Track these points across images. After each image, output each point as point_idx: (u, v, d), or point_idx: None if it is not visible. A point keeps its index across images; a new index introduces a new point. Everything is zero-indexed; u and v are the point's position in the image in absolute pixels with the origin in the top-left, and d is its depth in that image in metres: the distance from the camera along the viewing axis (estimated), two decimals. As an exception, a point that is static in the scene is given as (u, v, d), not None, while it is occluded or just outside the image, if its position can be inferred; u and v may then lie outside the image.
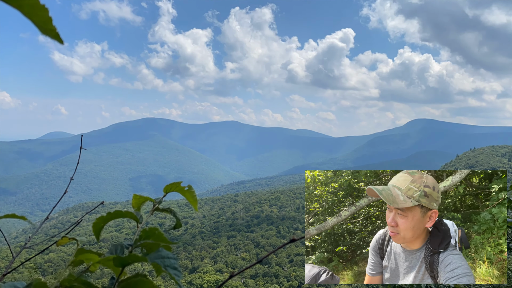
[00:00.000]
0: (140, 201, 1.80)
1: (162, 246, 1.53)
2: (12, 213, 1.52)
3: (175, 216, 1.73)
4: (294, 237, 1.67)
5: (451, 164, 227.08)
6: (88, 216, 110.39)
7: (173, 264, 1.48)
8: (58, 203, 3.02)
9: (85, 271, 1.47)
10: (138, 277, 1.43)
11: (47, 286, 1.31)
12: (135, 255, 1.45)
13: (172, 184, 1.77)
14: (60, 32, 1.09)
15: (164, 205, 1.77)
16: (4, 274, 2.31)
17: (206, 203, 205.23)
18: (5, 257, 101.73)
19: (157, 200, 1.76)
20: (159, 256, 1.48)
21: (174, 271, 1.46)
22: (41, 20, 1.14)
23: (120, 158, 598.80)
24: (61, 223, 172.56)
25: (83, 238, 1.65)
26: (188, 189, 1.79)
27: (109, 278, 1.50)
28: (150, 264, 1.44)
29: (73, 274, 1.39)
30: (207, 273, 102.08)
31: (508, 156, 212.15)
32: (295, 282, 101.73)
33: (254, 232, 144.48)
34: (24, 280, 1.31)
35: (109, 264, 1.45)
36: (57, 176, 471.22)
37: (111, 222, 1.50)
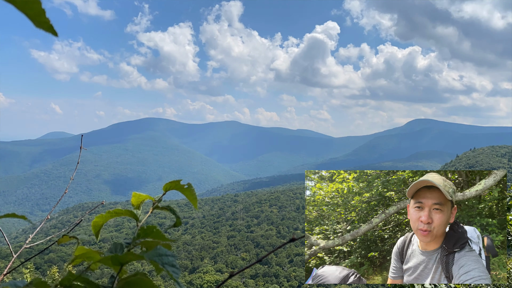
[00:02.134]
0: (140, 199, 1.79)
1: (161, 244, 1.51)
2: (12, 213, 1.52)
3: (175, 213, 1.72)
4: (294, 237, 1.66)
5: (451, 164, 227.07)
6: (88, 216, 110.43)
7: (171, 261, 1.46)
8: (58, 203, 3.02)
9: (85, 270, 1.46)
10: (137, 275, 1.41)
11: (47, 285, 1.31)
12: (132, 253, 1.44)
13: (171, 182, 1.76)
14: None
15: (164, 204, 1.75)
16: (4, 274, 2.32)
17: (206, 203, 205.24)
18: (5, 257, 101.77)
19: (157, 198, 1.75)
20: (157, 254, 1.46)
21: (172, 268, 1.44)
22: (34, 13, 1.14)
23: (120, 158, 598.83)
24: (61, 223, 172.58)
25: (83, 236, 1.65)
26: (188, 187, 1.78)
27: (109, 278, 1.49)
28: (148, 262, 1.44)
29: (73, 273, 1.38)
30: (207, 273, 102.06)
31: (508, 156, 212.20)
32: (295, 282, 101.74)
33: (254, 232, 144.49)
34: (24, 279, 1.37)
35: (109, 264, 1.45)
36: (57, 176, 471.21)
37: (111, 222, 1.50)
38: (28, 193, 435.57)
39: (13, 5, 1.13)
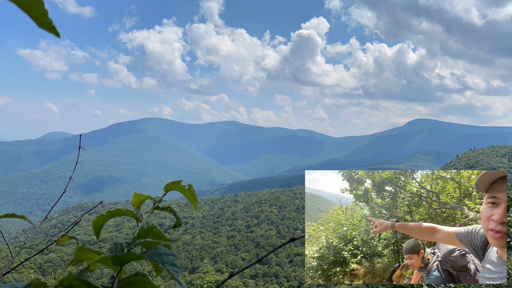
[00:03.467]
0: (140, 200, 1.78)
1: (161, 244, 1.51)
2: (12, 213, 1.52)
3: (175, 214, 1.72)
4: (294, 237, 1.65)
5: (451, 164, 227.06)
6: (88, 216, 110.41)
7: (171, 261, 1.46)
8: (57, 203, 3.02)
9: (84, 270, 1.46)
10: (137, 276, 1.41)
11: (47, 286, 1.30)
12: (133, 253, 1.44)
13: (172, 182, 1.76)
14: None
15: (164, 205, 1.75)
16: (3, 273, 2.31)
17: (206, 203, 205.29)
18: (5, 257, 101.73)
19: (157, 199, 1.74)
20: (157, 253, 1.46)
21: (172, 267, 1.44)
22: (37, 13, 1.14)
23: (120, 158, 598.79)
24: (61, 223, 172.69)
25: (82, 236, 1.65)
26: (189, 188, 1.78)
27: (109, 278, 1.49)
28: (148, 262, 1.43)
29: (73, 273, 1.38)
30: (207, 273, 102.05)
31: (508, 156, 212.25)
32: (295, 282, 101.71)
33: (254, 232, 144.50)
34: (23, 280, 1.36)
35: (109, 264, 1.45)
36: (57, 176, 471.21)
37: (111, 222, 1.50)
38: (28, 193, 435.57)
39: (16, 4, 1.13)
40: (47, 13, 1.14)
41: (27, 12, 1.13)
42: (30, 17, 1.14)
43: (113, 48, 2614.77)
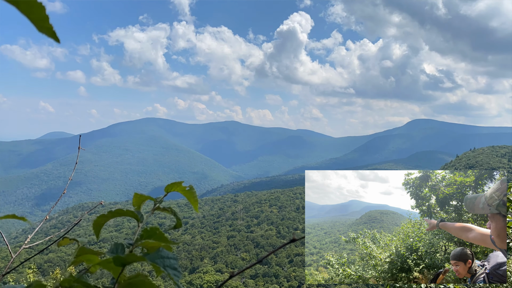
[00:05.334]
0: (141, 200, 1.78)
1: (163, 246, 1.51)
2: (12, 214, 1.51)
3: (176, 215, 1.71)
4: (294, 237, 1.64)
5: (451, 164, 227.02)
6: (88, 216, 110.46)
7: (173, 264, 1.46)
8: (56, 203, 3.02)
9: (84, 272, 1.45)
10: (138, 277, 1.41)
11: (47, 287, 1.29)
12: (135, 254, 1.44)
13: (173, 183, 1.76)
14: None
15: (164, 205, 1.75)
16: (3, 274, 2.31)
17: (206, 203, 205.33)
18: (5, 257, 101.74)
19: (158, 199, 1.74)
20: (159, 256, 1.46)
21: (173, 271, 1.44)
22: (38, 18, 1.14)
23: (120, 158, 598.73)
24: (61, 223, 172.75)
25: (83, 239, 1.63)
26: (189, 189, 1.78)
27: (110, 278, 1.47)
28: (149, 264, 1.43)
29: (73, 275, 1.38)
30: (207, 273, 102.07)
31: (508, 156, 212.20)
32: (295, 282, 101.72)
33: (254, 232, 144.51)
34: (23, 280, 1.35)
35: (109, 267, 1.44)
36: (57, 176, 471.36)
37: (111, 222, 1.50)
38: (28, 193, 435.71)
39: (17, 8, 1.14)
40: (48, 19, 1.15)
41: (28, 16, 1.14)
42: (30, 21, 1.14)
43: (95, 46, 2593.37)
